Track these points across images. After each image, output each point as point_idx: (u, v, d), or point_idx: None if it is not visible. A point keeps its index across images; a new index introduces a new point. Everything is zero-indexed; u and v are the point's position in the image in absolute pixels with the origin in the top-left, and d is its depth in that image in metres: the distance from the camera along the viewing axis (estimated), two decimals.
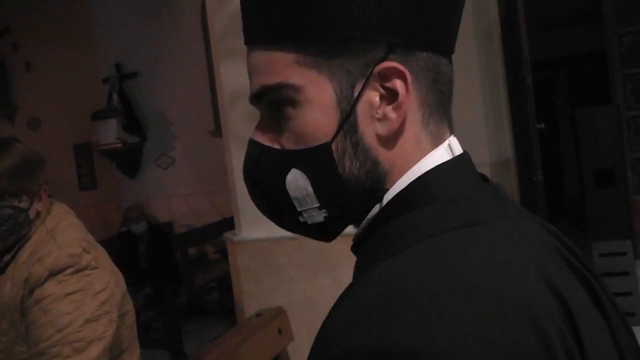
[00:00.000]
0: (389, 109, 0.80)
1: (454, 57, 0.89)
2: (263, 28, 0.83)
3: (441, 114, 0.85)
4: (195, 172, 8.61)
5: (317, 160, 0.82)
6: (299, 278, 3.99)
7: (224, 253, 6.28)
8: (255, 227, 4.08)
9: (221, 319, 7.16)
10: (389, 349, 0.62)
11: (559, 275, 0.74)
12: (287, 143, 0.84)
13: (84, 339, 2.02)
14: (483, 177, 0.88)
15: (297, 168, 0.84)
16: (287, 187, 0.85)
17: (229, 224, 5.30)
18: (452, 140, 0.87)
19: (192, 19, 7.99)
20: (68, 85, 9.04)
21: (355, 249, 0.89)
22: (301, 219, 0.87)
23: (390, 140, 0.81)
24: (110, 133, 8.41)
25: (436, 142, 0.84)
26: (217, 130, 7.71)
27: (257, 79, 0.85)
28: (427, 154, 0.83)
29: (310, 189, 0.84)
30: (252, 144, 0.89)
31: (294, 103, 0.82)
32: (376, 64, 0.79)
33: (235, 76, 4.03)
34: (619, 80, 5.76)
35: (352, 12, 0.77)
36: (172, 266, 6.85)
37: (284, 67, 0.81)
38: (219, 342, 3.48)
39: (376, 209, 0.84)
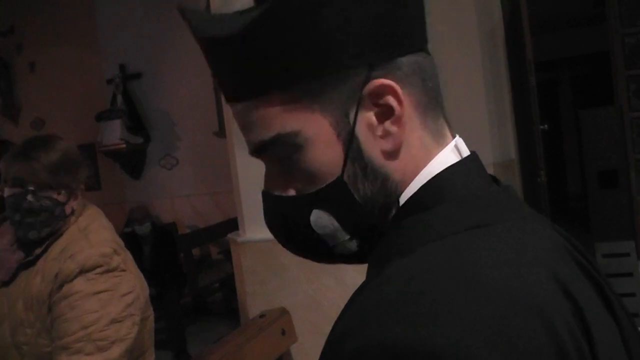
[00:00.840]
0: (388, 125, 0.81)
1: (457, 58, 0.90)
2: (243, 84, 0.83)
3: (435, 108, 0.85)
4: (199, 172, 8.61)
5: (334, 196, 0.83)
6: (302, 279, 4.00)
7: (227, 254, 6.29)
8: (259, 228, 4.07)
9: (225, 320, 7.17)
10: (404, 345, 0.63)
11: (570, 275, 0.74)
12: (301, 186, 0.85)
13: (108, 339, 2.07)
14: (493, 178, 0.90)
15: (317, 208, 0.84)
16: (315, 228, 0.85)
17: (232, 224, 5.30)
18: (459, 141, 0.88)
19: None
20: (72, 86, 9.03)
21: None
22: (336, 252, 0.88)
23: (397, 152, 0.82)
24: (114, 134, 8.41)
25: (439, 139, 0.85)
26: (221, 131, 7.69)
27: (252, 135, 0.86)
28: (433, 153, 0.84)
29: (336, 224, 0.84)
30: (268, 196, 0.90)
31: (297, 148, 0.82)
32: (362, 87, 0.80)
33: None
34: (623, 81, 5.75)
35: (324, 47, 0.78)
36: (176, 267, 6.86)
37: (276, 117, 0.82)
38: (223, 342, 3.49)
39: (392, 212, 0.84)
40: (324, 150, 0.82)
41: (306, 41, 0.78)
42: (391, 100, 0.80)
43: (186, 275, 6.95)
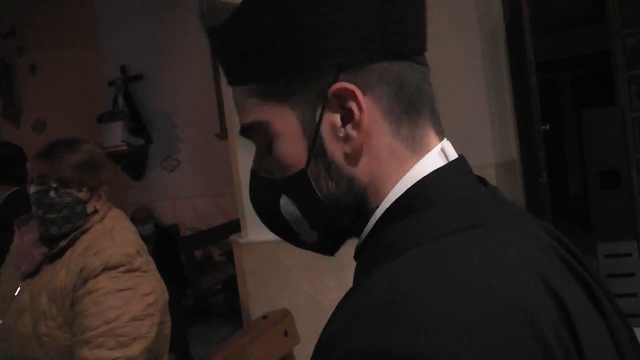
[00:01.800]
0: (349, 128, 0.82)
1: (458, 59, 0.91)
2: (231, 72, 0.91)
3: (414, 119, 0.85)
4: (201, 174, 8.61)
5: (297, 186, 0.88)
6: (304, 280, 4.00)
7: (229, 255, 6.28)
8: (261, 229, 4.04)
9: (227, 322, 7.16)
10: (390, 350, 0.63)
11: (557, 277, 0.75)
12: (276, 172, 0.90)
13: (129, 335, 2.14)
14: (481, 180, 0.90)
15: (284, 194, 0.90)
16: (282, 212, 0.91)
17: (234, 226, 5.31)
18: (446, 145, 0.88)
19: (198, 22, 7.97)
20: (73, 88, 9.03)
21: (356, 257, 0.91)
22: (302, 239, 0.94)
23: (359, 156, 0.84)
24: (115, 136, 8.41)
25: (415, 147, 0.85)
26: (223, 133, 7.71)
27: (239, 118, 0.93)
28: (408, 160, 0.84)
29: (298, 212, 0.90)
30: (251, 173, 0.97)
31: (269, 137, 0.88)
32: (329, 87, 0.82)
33: None
34: (624, 81, 5.74)
35: (295, 45, 0.81)
36: (178, 269, 6.85)
37: (253, 106, 0.88)
38: (225, 344, 3.49)
39: (373, 219, 0.85)
40: (290, 144, 0.86)
41: (279, 37, 0.81)
42: (352, 105, 0.81)
43: (188, 277, 6.95)
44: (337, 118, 0.83)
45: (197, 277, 7.11)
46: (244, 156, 4.17)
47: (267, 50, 0.83)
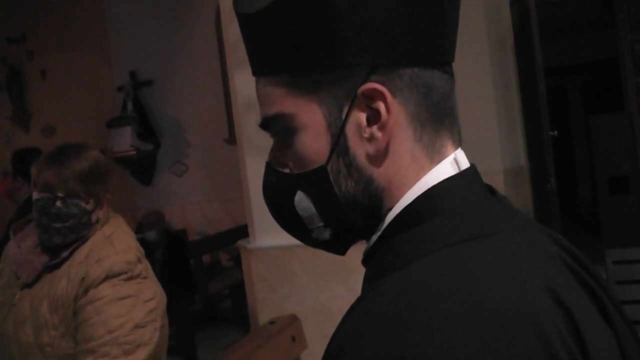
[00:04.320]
0: (374, 129, 0.82)
1: (467, 65, 0.91)
2: (261, 60, 0.89)
3: (437, 128, 0.85)
4: (210, 179, 8.62)
5: (316, 182, 0.87)
6: (312, 286, 4.00)
7: (237, 261, 6.29)
8: (269, 235, 4.08)
9: (235, 327, 7.17)
10: (398, 358, 0.64)
11: (564, 286, 0.75)
12: (293, 167, 0.90)
13: (132, 343, 2.13)
14: (490, 189, 0.90)
15: (301, 190, 0.89)
16: (297, 208, 0.90)
17: (242, 231, 5.31)
18: (459, 154, 0.87)
19: (207, 28, 8.00)
20: (83, 93, 9.06)
21: (364, 262, 0.91)
22: (313, 236, 0.92)
23: (381, 158, 0.84)
24: (124, 141, 8.43)
25: (433, 156, 0.85)
26: (232, 138, 7.71)
27: (261, 109, 0.91)
28: (425, 169, 0.84)
29: (313, 209, 0.89)
30: (267, 167, 0.95)
31: (292, 130, 0.87)
32: (359, 87, 0.81)
33: (249, 84, 4.02)
34: (632, 87, 5.73)
35: (330, 39, 0.80)
36: (187, 273, 6.86)
37: (279, 97, 0.87)
38: (233, 349, 3.49)
39: (383, 224, 0.86)
40: (313, 139, 0.86)
41: (315, 30, 0.81)
42: (381, 106, 0.81)
43: (196, 282, 6.96)
44: (363, 117, 0.83)
45: (205, 282, 7.13)
46: (253, 162, 4.17)
47: (303, 41, 0.82)
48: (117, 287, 2.19)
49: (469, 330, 0.64)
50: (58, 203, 2.23)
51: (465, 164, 0.87)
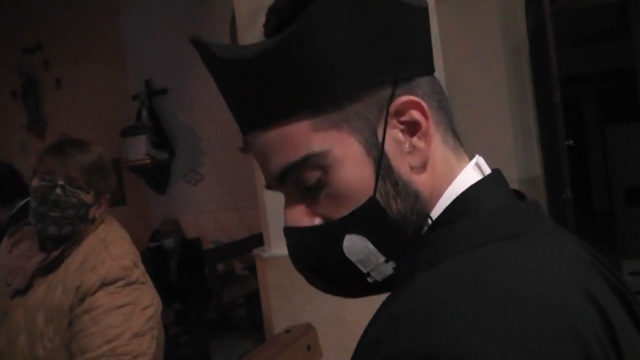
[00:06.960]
0: (415, 140, 0.83)
1: (482, 75, 0.93)
2: (268, 108, 0.81)
3: (451, 129, 0.88)
4: (224, 188, 8.64)
5: (369, 217, 0.82)
6: (328, 294, 3.99)
7: (252, 269, 6.29)
8: (284, 243, 4.06)
9: (249, 335, 7.17)
10: (436, 352, 0.64)
11: (598, 289, 0.74)
12: (329, 212, 0.84)
13: (131, 353, 2.07)
14: (519, 194, 0.90)
15: (350, 233, 0.82)
16: (348, 255, 0.83)
17: (257, 240, 5.31)
18: (480, 160, 0.89)
19: (222, 36, 8.02)
20: (98, 102, 9.13)
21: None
22: (370, 280, 0.86)
23: (424, 167, 0.84)
24: (139, 149, 8.47)
25: (459, 156, 0.88)
26: (246, 147, 7.73)
27: (276, 160, 0.83)
28: (455, 171, 0.86)
29: (371, 246, 0.83)
30: (293, 231, 0.88)
31: (324, 169, 0.81)
32: (389, 103, 0.81)
33: None
34: None
35: (354, 62, 0.79)
36: (202, 282, 6.87)
37: (303, 138, 0.80)
38: (248, 358, 3.49)
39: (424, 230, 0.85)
40: (354, 170, 0.81)
41: (338, 56, 0.78)
42: (418, 115, 0.82)
43: (211, 291, 6.97)
44: (398, 133, 0.82)
45: (219, 290, 7.13)
46: None
47: (322, 69, 0.78)
48: (114, 294, 2.12)
49: (503, 326, 0.64)
50: (58, 190, 2.15)
51: (487, 168, 0.89)
